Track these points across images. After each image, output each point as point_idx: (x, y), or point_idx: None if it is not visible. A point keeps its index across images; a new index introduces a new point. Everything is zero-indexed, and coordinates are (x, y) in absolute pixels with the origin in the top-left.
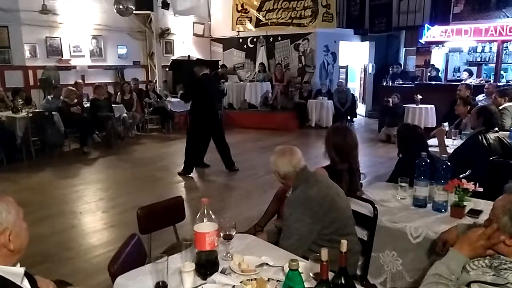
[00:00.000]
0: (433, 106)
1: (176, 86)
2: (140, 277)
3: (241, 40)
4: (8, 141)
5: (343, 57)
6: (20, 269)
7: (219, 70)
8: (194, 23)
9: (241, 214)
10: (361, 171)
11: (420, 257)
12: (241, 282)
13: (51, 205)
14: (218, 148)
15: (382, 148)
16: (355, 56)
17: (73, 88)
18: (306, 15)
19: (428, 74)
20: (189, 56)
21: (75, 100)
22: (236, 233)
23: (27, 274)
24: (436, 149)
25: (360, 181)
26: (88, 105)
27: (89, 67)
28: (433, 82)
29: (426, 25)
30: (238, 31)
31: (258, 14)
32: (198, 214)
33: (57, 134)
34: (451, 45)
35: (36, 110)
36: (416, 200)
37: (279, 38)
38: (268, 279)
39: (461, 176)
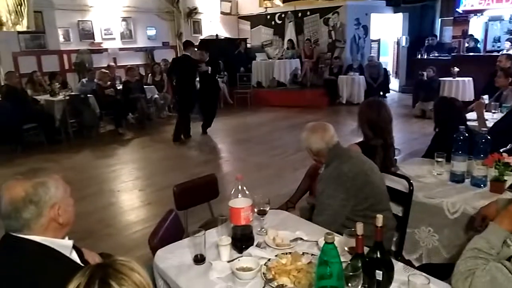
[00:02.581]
0: (471, 78)
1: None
2: (179, 250)
3: (268, 17)
4: (47, 123)
5: (375, 30)
6: (69, 242)
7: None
8: (221, 1)
9: (273, 192)
10: (395, 147)
11: (457, 233)
12: (276, 255)
13: (91, 184)
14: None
15: (417, 124)
16: (387, 29)
17: (106, 71)
18: None
19: (466, 45)
20: (217, 35)
21: (109, 83)
22: (269, 209)
23: (74, 247)
24: (475, 123)
25: (394, 157)
26: (121, 87)
27: (120, 49)
28: (471, 54)
29: None
30: (266, 7)
31: None
32: (233, 190)
33: (93, 116)
34: (491, 13)
35: (72, 93)
36: (453, 176)
37: (308, 13)
38: (303, 253)
39: (501, 150)
